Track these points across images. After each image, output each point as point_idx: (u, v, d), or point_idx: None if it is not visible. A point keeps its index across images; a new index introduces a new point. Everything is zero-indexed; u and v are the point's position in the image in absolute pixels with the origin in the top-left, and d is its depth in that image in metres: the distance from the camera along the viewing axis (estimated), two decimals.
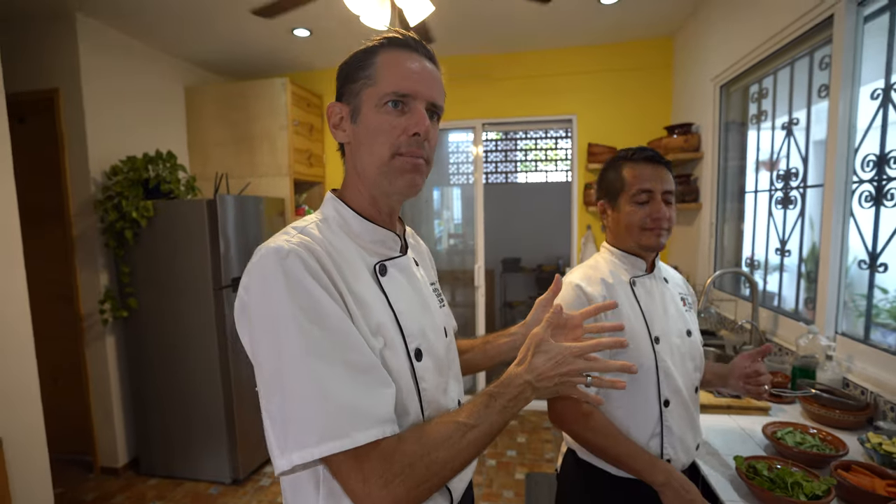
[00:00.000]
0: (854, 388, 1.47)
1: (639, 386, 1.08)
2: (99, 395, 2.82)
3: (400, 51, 0.71)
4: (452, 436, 0.61)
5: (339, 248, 0.69)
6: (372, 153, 0.70)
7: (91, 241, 2.73)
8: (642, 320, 1.11)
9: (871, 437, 1.20)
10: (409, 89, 0.69)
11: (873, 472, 1.06)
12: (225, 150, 3.37)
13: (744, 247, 2.49)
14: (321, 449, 0.56)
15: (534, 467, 2.81)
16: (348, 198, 0.76)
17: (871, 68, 1.55)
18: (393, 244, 0.77)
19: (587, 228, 3.47)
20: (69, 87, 2.67)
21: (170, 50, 3.23)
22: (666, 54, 3.31)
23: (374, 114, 0.70)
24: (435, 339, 0.76)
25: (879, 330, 1.55)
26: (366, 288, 0.68)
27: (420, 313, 0.75)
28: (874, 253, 1.51)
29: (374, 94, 0.69)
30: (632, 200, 1.12)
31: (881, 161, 1.47)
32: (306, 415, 0.57)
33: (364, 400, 0.59)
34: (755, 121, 2.35)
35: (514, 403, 0.66)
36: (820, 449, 1.18)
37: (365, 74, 0.71)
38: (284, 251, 0.61)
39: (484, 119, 3.63)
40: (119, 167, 2.72)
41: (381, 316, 0.68)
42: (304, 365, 0.57)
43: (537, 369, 0.67)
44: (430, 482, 0.60)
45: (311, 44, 3.21)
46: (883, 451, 1.14)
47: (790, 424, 1.28)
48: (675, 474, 1.00)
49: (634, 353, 1.08)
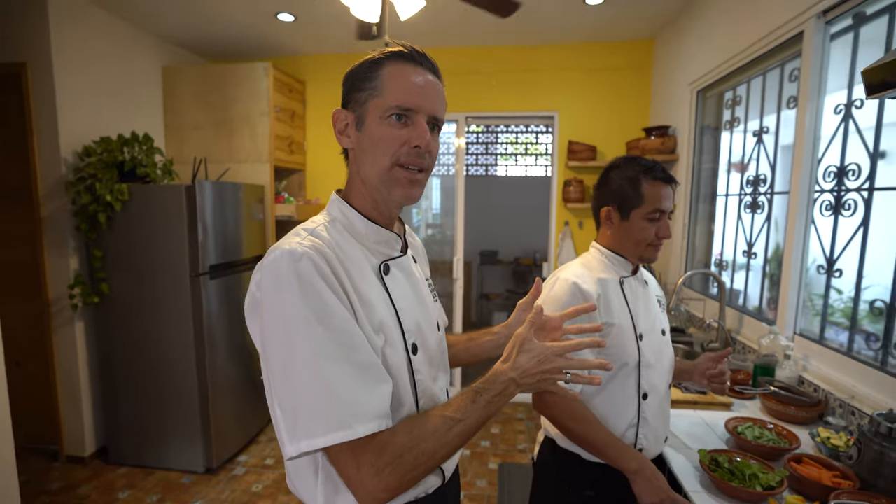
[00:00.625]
0: (808, 385, 1.57)
1: (622, 379, 1.15)
2: (66, 383, 2.75)
3: (405, 64, 0.74)
4: (439, 429, 0.66)
5: (345, 249, 0.73)
6: (374, 162, 0.75)
7: (61, 223, 2.64)
8: (629, 318, 1.17)
9: (821, 431, 1.30)
10: (412, 103, 0.72)
11: (821, 465, 1.15)
12: (203, 134, 3.29)
13: (713, 247, 2.59)
14: (326, 439, 0.61)
15: (507, 457, 2.89)
16: (352, 200, 0.80)
17: (835, 80, 1.64)
18: (395, 244, 0.82)
19: (565, 224, 3.55)
20: (38, 62, 2.55)
21: (148, 27, 3.12)
22: (646, 56, 3.39)
23: (378, 124, 0.73)
24: (429, 333, 0.82)
25: (833, 328, 1.66)
26: (370, 287, 0.73)
27: (417, 310, 0.80)
28: (831, 258, 1.61)
29: (380, 106, 0.73)
30: (646, 217, 1.16)
31: (840, 173, 1.57)
32: (314, 408, 0.62)
33: (364, 396, 0.64)
34: (728, 126, 2.44)
35: (498, 399, 0.70)
36: (776, 443, 1.26)
37: (371, 86, 0.74)
38: (298, 254, 0.66)
39: (468, 112, 3.65)
40: (92, 148, 2.64)
41: (383, 314, 0.73)
42: (314, 363, 0.63)
43: (521, 367, 0.70)
44: (417, 471, 0.65)
45: (294, 29, 3.16)
46: (830, 445, 1.24)
47: (750, 420, 1.37)
48: (647, 463, 1.07)
49: (621, 349, 1.14)
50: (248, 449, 2.98)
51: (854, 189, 1.51)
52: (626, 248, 1.21)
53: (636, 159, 1.19)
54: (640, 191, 1.16)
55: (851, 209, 1.52)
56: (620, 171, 1.20)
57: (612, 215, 1.21)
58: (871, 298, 1.44)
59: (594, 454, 1.12)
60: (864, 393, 1.38)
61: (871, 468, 1.08)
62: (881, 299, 1.40)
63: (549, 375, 0.71)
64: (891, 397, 1.30)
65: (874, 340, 1.43)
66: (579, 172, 3.46)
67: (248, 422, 3.02)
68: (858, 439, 1.13)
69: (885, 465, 1.06)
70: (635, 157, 1.21)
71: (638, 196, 1.16)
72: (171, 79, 3.29)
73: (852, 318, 1.53)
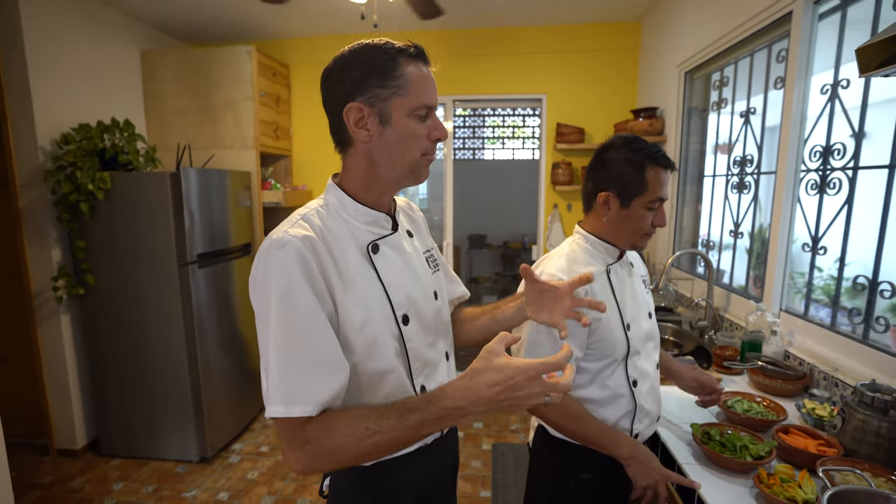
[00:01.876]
0: (794, 359, 1.62)
1: (611, 371, 1.15)
2: (54, 376, 2.70)
3: (421, 64, 0.80)
4: (351, 434, 0.69)
5: (334, 232, 0.80)
6: (405, 155, 0.80)
7: (41, 213, 2.57)
8: (616, 310, 1.14)
9: (807, 403, 1.35)
10: (432, 102, 0.81)
11: (807, 434, 1.20)
12: (186, 120, 3.21)
13: (701, 227, 2.64)
14: (271, 409, 0.70)
15: (500, 438, 2.94)
16: (348, 185, 0.85)
17: (822, 60, 1.66)
18: (385, 223, 0.87)
19: (554, 207, 3.56)
20: (9, 47, 2.45)
21: (125, 9, 3.01)
22: (634, 38, 3.38)
23: (407, 121, 0.79)
24: (424, 303, 0.87)
25: (814, 305, 1.71)
26: (356, 267, 0.79)
27: (409, 283, 0.85)
28: (816, 237, 1.65)
29: (407, 105, 0.78)
30: (647, 206, 1.11)
31: (826, 152, 1.60)
32: (274, 381, 0.70)
33: (309, 383, 0.70)
34: (716, 107, 2.46)
35: (437, 423, 0.67)
36: (763, 415, 1.31)
37: (395, 84, 0.77)
38: (282, 242, 0.72)
39: (455, 95, 3.62)
40: (71, 136, 2.56)
41: (369, 291, 0.79)
42: (278, 344, 0.70)
43: (477, 393, 0.63)
44: (325, 460, 0.70)
45: (278, 11, 3.07)
46: (815, 416, 1.28)
47: (739, 394, 1.41)
48: (639, 448, 1.09)
49: (609, 343, 1.13)
50: (243, 437, 2.99)
51: (839, 168, 1.54)
52: (621, 236, 1.16)
53: (636, 140, 1.11)
54: (644, 177, 1.09)
55: (836, 188, 1.55)
56: (620, 153, 1.11)
57: (611, 202, 1.13)
58: (852, 275, 1.49)
59: (588, 446, 1.12)
60: (847, 365, 1.44)
61: (854, 436, 1.12)
62: (864, 275, 1.44)
63: (522, 402, 0.63)
64: (872, 368, 1.36)
65: (856, 315, 1.48)
66: (567, 155, 3.47)
67: (242, 410, 3.02)
68: (842, 409, 1.18)
69: (868, 432, 1.10)
70: (633, 136, 1.12)
71: (641, 183, 1.09)
72: (151, 63, 3.19)
73: (835, 293, 1.57)
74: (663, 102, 2.95)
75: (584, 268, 1.13)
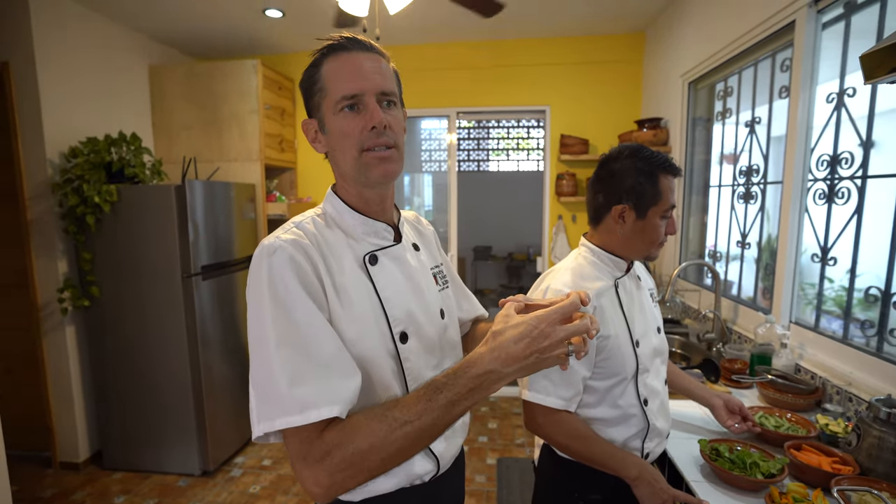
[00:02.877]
0: (805, 373, 1.58)
1: (620, 391, 1.11)
2: (58, 388, 2.70)
3: (338, 55, 0.76)
4: (378, 430, 0.62)
5: (329, 241, 0.76)
6: (344, 155, 0.77)
7: (48, 226, 2.59)
8: (625, 326, 1.11)
9: (820, 418, 1.31)
10: (355, 89, 0.74)
11: (820, 451, 1.16)
12: (192, 133, 3.25)
13: (707, 238, 2.60)
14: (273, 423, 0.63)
15: (505, 452, 2.89)
16: (342, 195, 0.82)
17: (827, 70, 1.65)
18: (386, 234, 0.82)
19: (558, 218, 3.55)
20: (20, 61, 2.50)
21: (133, 25, 3.07)
22: (638, 49, 3.39)
23: (335, 120, 0.76)
24: (426, 321, 0.81)
25: (825, 317, 1.67)
26: (351, 278, 0.74)
27: (409, 298, 0.80)
28: (825, 247, 1.62)
29: (330, 103, 0.75)
30: (662, 215, 1.08)
31: (834, 161, 1.57)
32: (271, 393, 0.64)
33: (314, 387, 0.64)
34: (720, 117, 2.45)
35: (469, 396, 0.62)
36: (794, 431, 1.27)
37: (318, 88, 0.77)
38: (274, 247, 0.69)
39: (458, 107, 3.63)
40: (79, 149, 2.59)
41: (364, 304, 0.74)
42: (274, 351, 0.65)
43: (505, 351, 0.61)
44: (349, 471, 0.62)
45: (283, 25, 3.12)
46: (829, 432, 1.24)
47: (761, 409, 1.37)
48: (647, 468, 1.05)
49: (618, 361, 1.09)
50: (245, 450, 2.96)
51: (847, 177, 1.51)
52: (636, 248, 1.11)
53: (642, 149, 1.09)
54: (657, 187, 1.06)
55: (845, 197, 1.52)
56: (630, 163, 1.08)
57: (627, 214, 1.08)
58: (863, 286, 1.45)
59: (594, 467, 1.09)
60: (860, 379, 1.40)
61: (871, 453, 1.08)
62: (876, 286, 1.41)
63: (549, 353, 0.60)
64: (888, 383, 1.31)
65: (869, 327, 1.44)
66: (572, 166, 3.46)
67: (245, 423, 3.00)
68: (857, 425, 1.14)
69: (885, 449, 1.06)
70: (638, 146, 1.09)
71: (656, 192, 1.06)
72: (159, 77, 3.24)
73: (847, 305, 1.54)
74: (667, 113, 2.95)
75: (592, 283, 1.10)
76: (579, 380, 1.08)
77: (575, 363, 1.08)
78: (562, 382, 1.07)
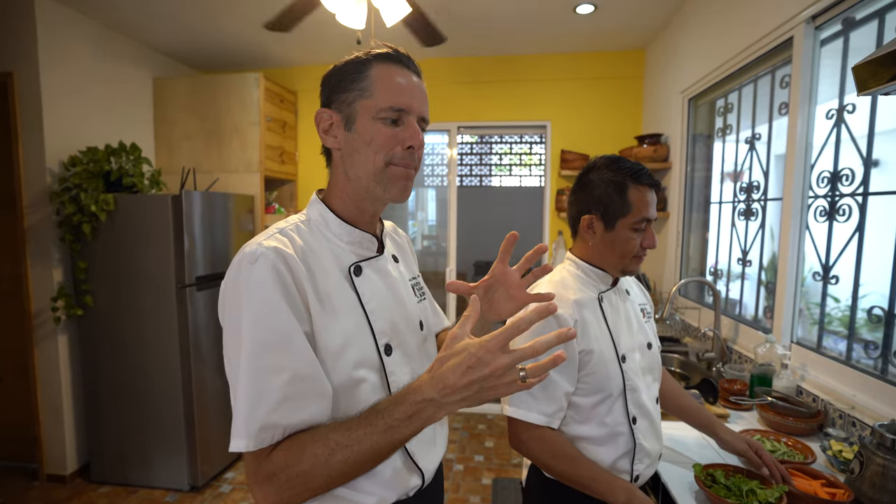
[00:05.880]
0: (807, 395, 1.53)
1: (607, 408, 1.07)
2: (48, 398, 2.67)
3: (393, 65, 0.74)
4: (319, 454, 0.61)
5: (315, 250, 0.73)
6: (367, 161, 0.74)
7: (45, 234, 2.59)
8: (609, 340, 1.08)
9: (833, 444, 1.24)
10: (404, 104, 0.73)
11: (807, 475, 1.10)
12: (193, 144, 3.26)
13: (708, 255, 2.56)
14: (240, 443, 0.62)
15: (501, 472, 2.82)
16: (332, 200, 0.80)
17: (827, 88, 1.63)
18: (370, 245, 0.81)
19: (559, 234, 3.52)
20: (25, 72, 2.53)
21: (138, 38, 3.11)
22: (638, 65, 3.39)
23: (371, 124, 0.73)
24: (408, 333, 0.80)
25: (832, 337, 1.62)
26: (336, 289, 0.72)
27: (393, 310, 0.79)
28: (827, 265, 1.58)
29: (371, 107, 0.73)
30: (632, 227, 1.06)
31: (834, 178, 1.54)
32: (241, 410, 0.64)
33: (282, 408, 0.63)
34: (721, 134, 2.43)
35: (408, 424, 0.60)
36: (791, 457, 1.21)
37: (360, 86, 0.74)
38: (255, 255, 0.66)
39: (459, 122, 3.64)
40: (78, 158, 2.60)
41: (349, 316, 0.72)
42: (251, 366, 0.63)
43: (443, 381, 0.57)
44: (294, 491, 0.62)
45: (286, 39, 3.15)
46: (843, 459, 1.18)
47: (759, 432, 1.31)
48: (636, 493, 0.99)
49: (602, 377, 1.05)
50: (236, 465, 2.90)
51: (848, 194, 1.48)
52: (608, 260, 1.11)
53: (618, 160, 1.08)
54: (626, 197, 1.05)
55: (846, 214, 1.49)
56: (602, 173, 1.08)
57: (595, 224, 1.09)
58: (868, 306, 1.41)
59: (580, 490, 1.03)
60: (864, 403, 1.34)
61: (874, 482, 1.03)
62: (879, 306, 1.36)
63: (494, 382, 0.55)
64: (893, 407, 1.26)
65: (873, 348, 1.39)
66: (572, 181, 3.44)
67: None
68: (860, 452, 1.09)
69: (889, 479, 1.01)
70: (616, 157, 1.09)
71: (624, 203, 1.05)
72: (162, 89, 3.28)
73: (850, 325, 1.49)
74: (668, 129, 2.93)
75: (574, 295, 1.07)
76: (562, 395, 1.04)
77: (557, 377, 1.04)
78: (544, 398, 1.03)
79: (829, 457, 1.22)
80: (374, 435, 0.60)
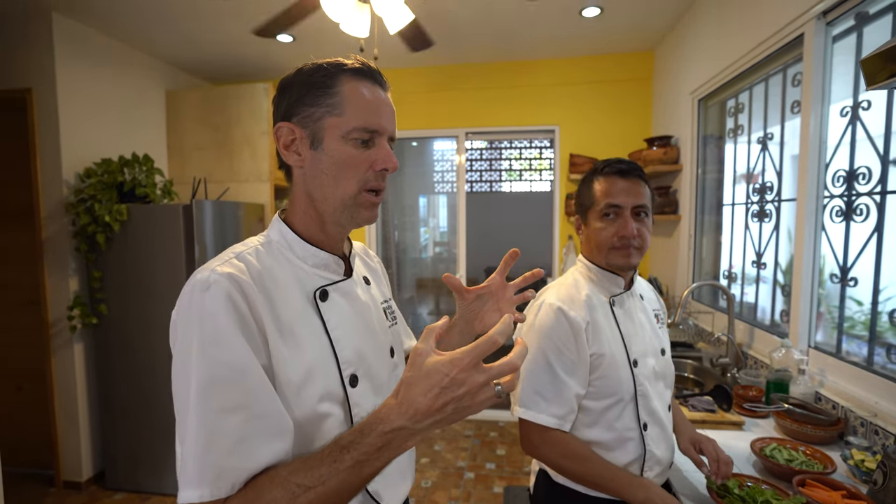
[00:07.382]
0: (826, 402, 1.47)
1: (617, 413, 1.05)
2: (65, 406, 2.71)
3: (365, 81, 0.70)
4: (278, 498, 0.55)
5: (275, 274, 0.68)
6: (338, 186, 0.70)
7: (61, 244, 2.65)
8: (621, 344, 1.06)
9: (855, 453, 1.20)
10: (377, 125, 0.69)
11: (826, 485, 1.06)
12: (205, 155, 3.31)
13: (722, 258, 2.51)
14: (189, 494, 0.56)
15: (513, 480, 2.78)
16: (294, 221, 0.74)
17: (841, 86, 1.58)
18: (336, 267, 0.76)
19: (569, 239, 3.48)
20: (43, 88, 2.60)
21: (152, 52, 3.18)
22: (646, 67, 3.36)
23: (341, 145, 0.69)
24: (376, 361, 0.75)
25: (855, 342, 1.56)
26: (299, 317, 0.67)
27: (361, 338, 0.74)
28: (845, 267, 1.53)
29: (341, 126, 0.68)
30: (600, 216, 1.08)
31: (850, 177, 1.50)
32: (193, 455, 0.57)
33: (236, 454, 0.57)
34: (732, 135, 2.38)
35: (378, 456, 0.55)
36: (809, 466, 1.17)
37: (328, 102, 0.69)
38: (208, 283, 0.60)
39: (467, 128, 3.64)
40: (93, 169, 2.66)
41: (312, 346, 0.67)
42: (202, 404, 0.57)
43: (413, 406, 0.52)
44: None
45: (294, 49, 3.19)
46: (865, 469, 1.14)
47: (775, 440, 1.27)
48: (654, 489, 0.98)
49: (613, 381, 1.04)
50: None
51: (865, 193, 1.43)
52: (594, 255, 1.13)
53: (603, 161, 1.13)
54: (591, 190, 1.11)
55: (864, 214, 1.44)
56: (583, 178, 1.17)
57: (580, 223, 1.17)
58: (890, 309, 1.35)
59: (597, 490, 1.02)
60: (887, 410, 1.29)
61: None
62: None
63: (469, 401, 0.51)
64: None
65: (894, 353, 1.34)
66: None
67: None
68: (883, 462, 1.04)
69: None
70: (607, 159, 1.14)
71: (590, 195, 1.11)
72: (175, 101, 3.34)
73: (871, 328, 1.44)
74: (678, 131, 2.89)
75: (585, 297, 1.08)
76: (573, 397, 1.03)
77: (568, 379, 1.03)
78: (555, 399, 1.02)
79: (850, 466, 1.17)
80: (340, 473, 0.55)
